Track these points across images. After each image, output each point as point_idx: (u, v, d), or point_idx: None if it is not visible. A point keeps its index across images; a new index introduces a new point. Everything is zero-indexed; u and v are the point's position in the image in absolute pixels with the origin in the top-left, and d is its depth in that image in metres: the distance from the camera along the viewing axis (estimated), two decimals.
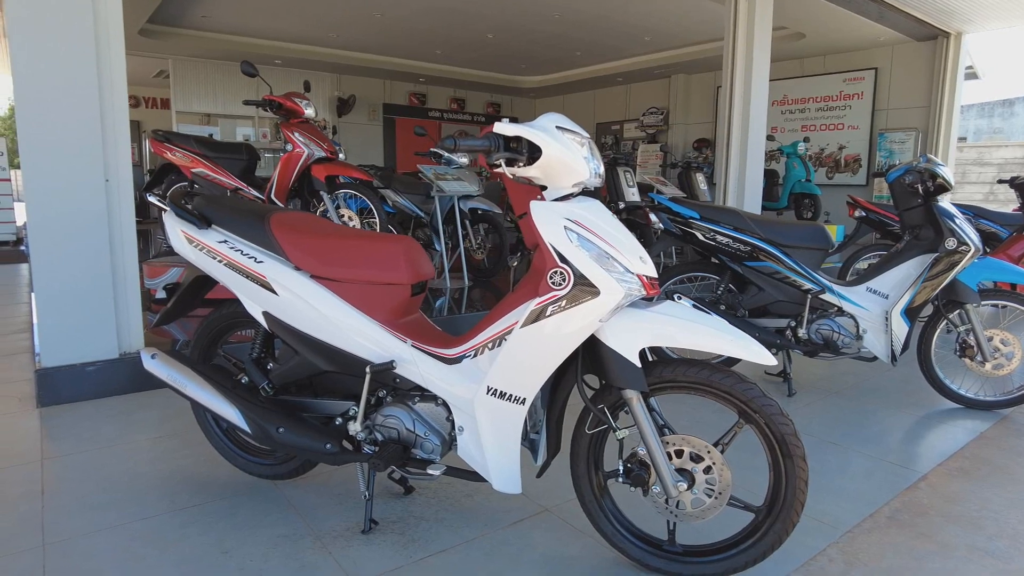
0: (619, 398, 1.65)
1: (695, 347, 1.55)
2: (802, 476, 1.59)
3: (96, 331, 3.03)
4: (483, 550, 1.86)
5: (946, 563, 1.86)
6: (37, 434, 2.63)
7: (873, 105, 9.67)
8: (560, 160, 1.53)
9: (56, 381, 2.94)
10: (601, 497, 1.78)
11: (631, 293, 1.53)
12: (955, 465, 2.53)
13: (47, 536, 1.89)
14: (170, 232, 2.00)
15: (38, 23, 2.79)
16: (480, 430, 1.70)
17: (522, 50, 10.39)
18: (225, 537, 1.90)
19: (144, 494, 2.15)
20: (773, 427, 1.59)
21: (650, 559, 1.74)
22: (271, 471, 2.18)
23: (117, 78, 3.02)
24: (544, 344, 1.57)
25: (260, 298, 1.88)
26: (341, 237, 1.87)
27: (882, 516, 2.13)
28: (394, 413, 1.82)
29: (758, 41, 5.83)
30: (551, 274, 1.54)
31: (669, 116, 12.19)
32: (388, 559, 1.80)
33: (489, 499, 2.15)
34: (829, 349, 3.15)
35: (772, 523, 1.64)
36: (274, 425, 1.86)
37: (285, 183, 4.35)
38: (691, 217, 3.22)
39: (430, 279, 1.92)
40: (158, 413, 2.86)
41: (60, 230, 2.91)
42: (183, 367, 1.98)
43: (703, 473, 1.63)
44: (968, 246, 2.89)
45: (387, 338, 1.80)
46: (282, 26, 8.91)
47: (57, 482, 2.23)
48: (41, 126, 2.84)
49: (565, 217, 1.54)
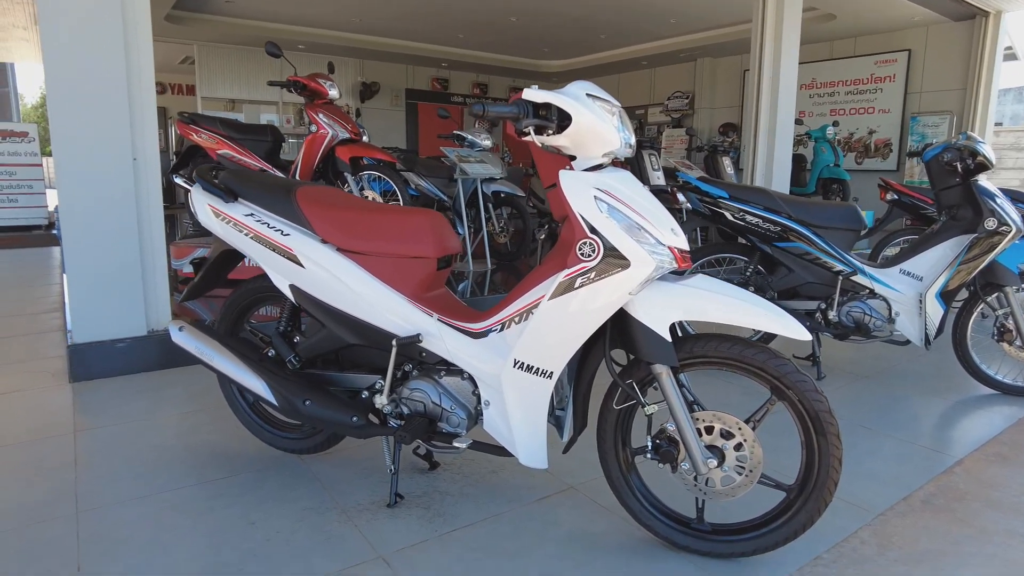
0: (648, 373, 1.62)
1: (729, 322, 1.51)
2: (836, 454, 1.55)
3: (125, 309, 3.07)
4: (509, 526, 1.85)
5: (984, 547, 1.81)
6: (70, 408, 2.68)
7: (906, 88, 9.42)
8: (591, 129, 1.50)
9: (87, 357, 2.99)
10: (628, 473, 1.75)
11: (662, 265, 1.50)
12: (992, 451, 2.47)
13: (80, 504, 1.92)
14: (197, 206, 2.00)
15: (68, 10, 2.81)
16: (507, 404, 1.68)
17: (545, 33, 10.28)
18: (252, 509, 1.91)
19: (173, 466, 2.17)
20: (807, 404, 1.55)
21: (678, 537, 1.72)
22: (297, 445, 2.19)
23: (144, 62, 3.04)
24: (572, 317, 1.54)
25: (287, 271, 1.88)
26: (367, 210, 1.85)
27: (916, 500, 2.08)
28: (420, 387, 1.81)
29: (787, 22, 5.69)
30: (580, 245, 1.51)
31: (694, 100, 12.00)
32: (413, 533, 1.80)
33: (514, 475, 2.14)
34: (860, 332, 3.07)
35: (804, 502, 1.61)
36: (301, 398, 1.86)
37: (310, 164, 4.36)
38: (720, 196, 3.16)
39: (456, 253, 1.90)
40: (185, 389, 2.90)
41: (90, 210, 2.94)
42: (210, 339, 1.99)
43: (734, 450, 1.60)
44: (1009, 227, 2.80)
45: (413, 312, 1.79)
46: (305, 11, 8.91)
47: (89, 454, 2.26)
48: (72, 110, 2.86)
49: (595, 187, 1.51)
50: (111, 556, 1.67)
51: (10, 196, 8.80)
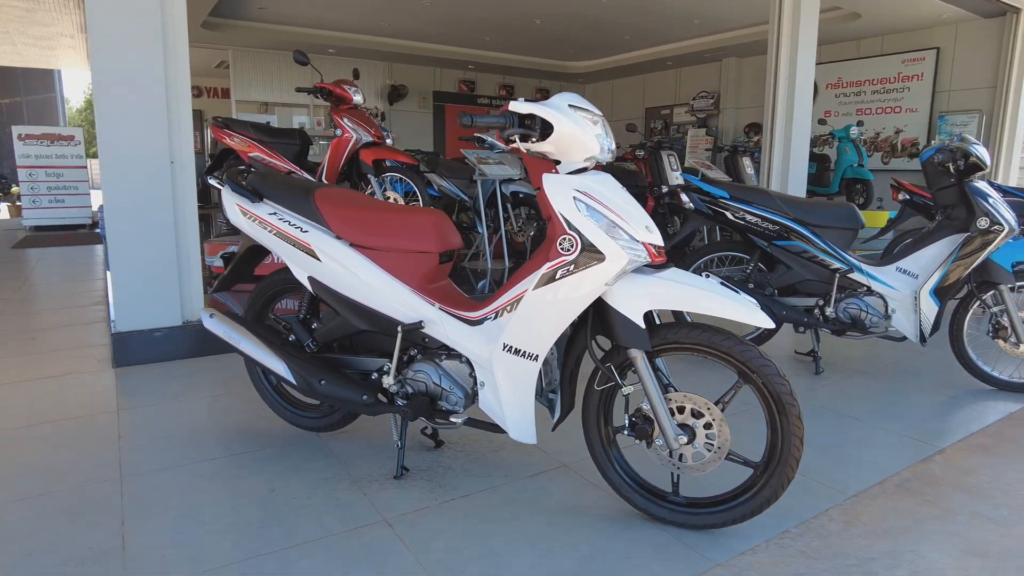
0: (626, 358, 1.79)
1: (694, 309, 1.67)
2: (797, 434, 1.70)
3: (162, 301, 3.33)
4: (503, 496, 2.03)
5: (947, 526, 1.93)
6: (113, 389, 2.94)
7: (934, 86, 9.32)
8: (571, 136, 1.67)
9: (129, 345, 3.25)
10: (609, 448, 1.92)
11: (635, 260, 1.66)
12: (977, 442, 2.56)
13: (124, 470, 2.16)
14: (226, 205, 2.22)
15: (113, 21, 3.07)
16: (498, 384, 1.86)
17: (570, 35, 10.42)
18: (274, 478, 2.13)
19: (205, 441, 2.41)
20: (770, 386, 1.70)
21: (655, 509, 1.88)
22: (315, 423, 2.40)
23: (181, 69, 3.29)
24: (554, 305, 1.72)
25: (306, 264, 2.08)
26: (377, 210, 2.05)
27: (891, 484, 2.20)
28: (423, 369, 2.00)
29: (804, 23, 5.75)
30: (560, 240, 1.68)
31: (720, 100, 12.01)
32: (416, 501, 1.99)
33: (512, 453, 2.32)
34: (857, 328, 3.18)
35: (769, 478, 1.75)
36: (317, 378, 2.07)
37: (335, 166, 4.59)
38: (721, 197, 3.29)
39: (458, 249, 2.08)
40: (217, 375, 3.14)
41: (132, 210, 3.21)
42: (237, 326, 2.21)
43: (703, 429, 1.75)
44: (1002, 226, 2.88)
45: (417, 301, 1.98)
46: (335, 16, 9.20)
47: (131, 429, 2.51)
48: (116, 118, 3.13)
49: (575, 188, 1.68)
50: (150, 513, 1.90)
51: (57, 197, 9.27)
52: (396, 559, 1.70)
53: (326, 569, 1.66)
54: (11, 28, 9.37)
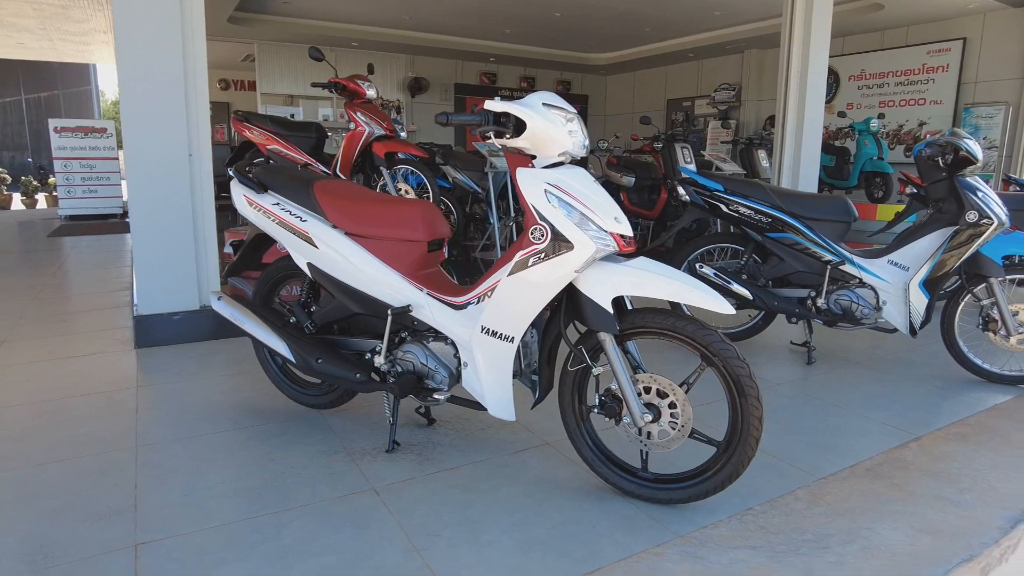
0: (597, 341, 1.90)
1: (659, 296, 1.78)
2: (756, 414, 1.80)
3: (181, 286, 3.53)
4: (485, 470, 2.17)
5: (907, 507, 2.01)
6: (134, 368, 3.15)
7: (959, 78, 9.17)
8: (544, 132, 1.79)
9: (149, 327, 3.46)
10: (582, 427, 2.04)
11: (604, 248, 1.78)
12: (955, 430, 2.62)
13: (139, 440, 2.35)
14: (235, 196, 2.39)
15: (136, 22, 3.26)
16: (478, 365, 1.99)
17: (590, 27, 10.45)
18: (275, 449, 2.29)
19: (215, 415, 2.58)
20: (730, 369, 1.80)
21: (625, 484, 1.99)
22: (315, 400, 2.57)
23: (199, 66, 3.46)
24: (526, 290, 1.84)
25: (305, 251, 2.24)
26: (370, 201, 2.19)
27: (861, 468, 2.28)
28: (411, 350, 2.14)
29: (817, 14, 5.74)
30: (532, 230, 1.81)
31: (741, 92, 11.93)
32: (403, 472, 2.14)
33: (500, 432, 2.45)
34: (848, 319, 3.24)
35: (730, 456, 1.85)
36: (315, 357, 2.22)
37: (349, 159, 4.75)
38: (715, 189, 3.37)
39: (446, 237, 2.22)
40: (229, 356, 3.33)
41: (154, 200, 3.40)
42: (243, 308, 2.38)
43: (668, 408, 1.87)
44: (991, 219, 2.91)
45: (406, 286, 2.12)
46: (357, 10, 9.37)
47: (148, 403, 2.70)
48: (139, 112, 3.32)
49: (546, 181, 1.80)
50: (161, 478, 2.08)
51: (90, 187, 9.63)
52: (379, 523, 1.85)
53: (315, 529, 1.81)
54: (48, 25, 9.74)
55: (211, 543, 1.75)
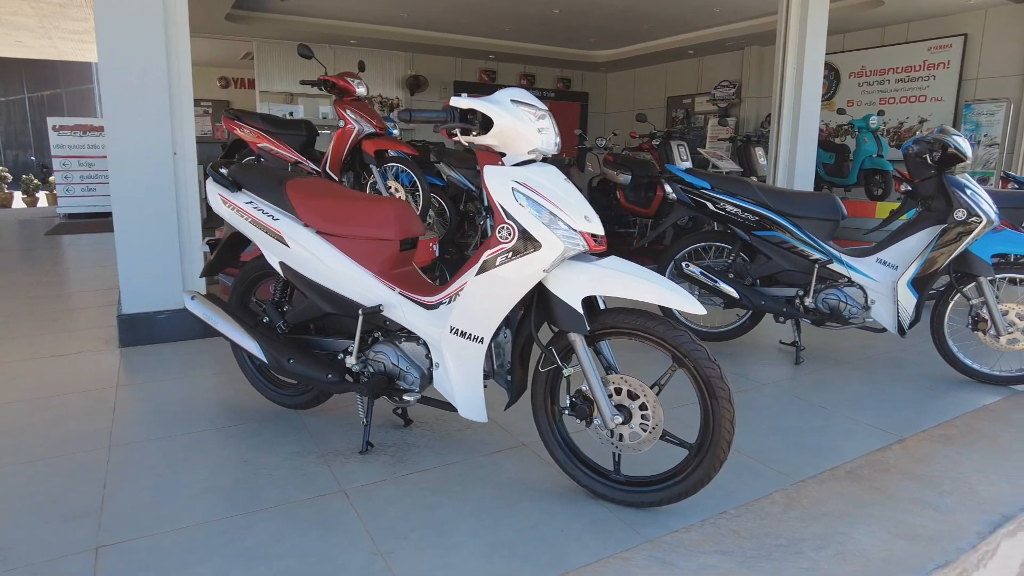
0: (568, 341, 1.87)
1: (629, 296, 1.74)
2: (727, 416, 1.77)
3: (165, 285, 3.51)
4: (458, 471, 2.14)
5: (886, 511, 1.98)
6: (116, 367, 3.13)
7: (960, 75, 9.09)
8: (512, 129, 1.76)
9: (133, 326, 3.45)
10: (554, 426, 2.01)
11: (572, 248, 1.75)
12: (940, 432, 2.58)
13: (114, 440, 2.33)
14: (210, 194, 2.36)
15: (118, 21, 3.24)
16: (448, 365, 1.97)
17: (589, 24, 10.39)
18: (248, 450, 2.27)
19: (192, 415, 2.57)
20: (701, 370, 1.77)
21: (597, 486, 1.96)
22: (292, 401, 2.54)
23: (183, 64, 3.44)
24: (494, 290, 1.81)
25: (277, 250, 2.21)
26: (342, 199, 2.17)
27: (842, 471, 2.25)
28: (383, 350, 2.12)
29: (813, 11, 5.69)
30: (499, 229, 1.78)
31: (741, 89, 11.86)
32: (375, 473, 2.11)
33: (476, 433, 2.43)
34: (836, 319, 3.20)
35: (701, 460, 1.82)
36: (286, 357, 2.20)
37: (338, 157, 4.73)
38: (702, 187, 3.33)
39: (418, 236, 2.19)
40: (211, 356, 3.32)
41: (137, 199, 3.38)
42: (216, 308, 2.36)
43: (639, 410, 1.84)
44: (979, 217, 2.87)
45: (377, 286, 2.09)
46: (355, 7, 9.34)
47: (126, 403, 2.69)
48: (122, 111, 3.30)
49: (513, 180, 1.77)
50: (131, 477, 2.06)
51: (89, 185, 9.64)
52: (346, 525, 1.82)
53: (281, 531, 1.79)
54: (47, 23, 9.74)
55: (175, 545, 1.73)
